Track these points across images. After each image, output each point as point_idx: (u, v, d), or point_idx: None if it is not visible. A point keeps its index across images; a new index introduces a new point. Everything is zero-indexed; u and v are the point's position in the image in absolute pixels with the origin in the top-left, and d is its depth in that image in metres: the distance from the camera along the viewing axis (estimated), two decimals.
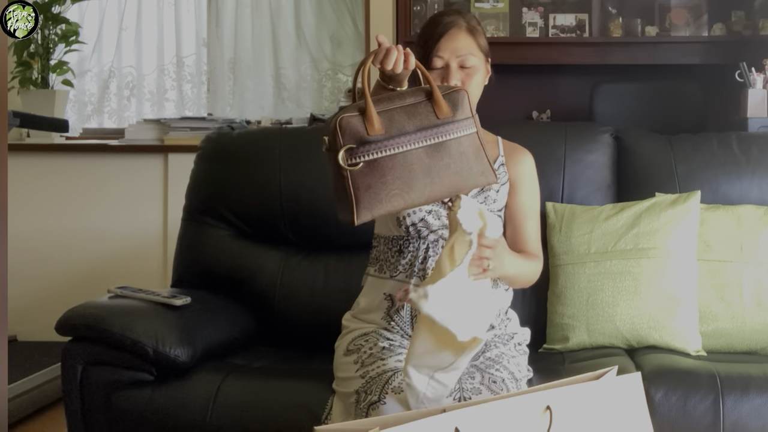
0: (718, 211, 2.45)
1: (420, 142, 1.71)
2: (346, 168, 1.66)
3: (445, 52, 2.02)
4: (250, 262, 2.54)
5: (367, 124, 1.68)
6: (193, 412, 2.07)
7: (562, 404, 1.57)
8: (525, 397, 1.58)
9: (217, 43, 4.41)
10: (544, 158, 2.54)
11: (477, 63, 2.05)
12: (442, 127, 1.73)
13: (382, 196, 1.67)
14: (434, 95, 1.75)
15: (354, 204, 1.66)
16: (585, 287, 2.36)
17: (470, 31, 2.06)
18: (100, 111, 4.49)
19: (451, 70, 2.02)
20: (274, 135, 2.69)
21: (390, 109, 1.72)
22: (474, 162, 1.76)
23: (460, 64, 2.03)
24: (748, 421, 2.02)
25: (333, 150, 1.69)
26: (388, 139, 1.69)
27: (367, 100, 1.69)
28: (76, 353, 2.17)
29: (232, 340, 2.36)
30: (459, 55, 2.03)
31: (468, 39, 2.05)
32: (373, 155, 1.68)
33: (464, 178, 1.74)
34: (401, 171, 1.69)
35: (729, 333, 2.35)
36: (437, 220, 2.01)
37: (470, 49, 2.04)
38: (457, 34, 2.04)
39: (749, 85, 3.27)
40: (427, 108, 1.74)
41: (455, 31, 2.04)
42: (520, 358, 2.01)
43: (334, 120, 1.69)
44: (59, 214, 3.90)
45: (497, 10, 4.04)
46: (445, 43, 2.03)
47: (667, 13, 4.04)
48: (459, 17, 2.08)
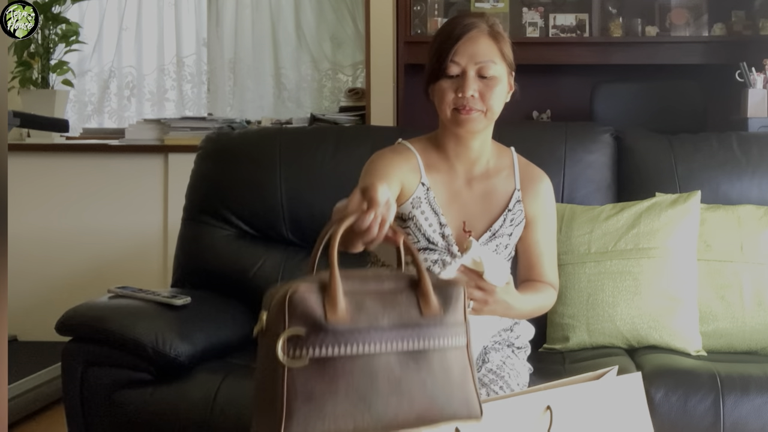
0: (718, 211, 2.45)
1: (394, 343, 1.27)
2: (284, 363, 1.21)
3: (463, 57, 1.78)
4: (250, 262, 2.54)
5: (328, 306, 1.24)
6: (193, 411, 2.07)
7: (563, 404, 1.58)
8: (525, 397, 1.58)
9: (218, 43, 4.41)
10: (544, 158, 2.53)
11: (499, 73, 1.81)
12: (426, 329, 1.29)
13: (326, 411, 1.20)
14: (421, 284, 1.32)
15: (283, 417, 1.19)
16: (585, 287, 2.36)
17: (493, 36, 1.82)
18: (100, 111, 4.49)
19: (467, 79, 1.78)
20: (275, 135, 2.69)
21: (361, 291, 1.29)
22: (458, 386, 1.32)
23: (479, 72, 1.79)
24: (748, 421, 2.02)
25: (271, 332, 1.25)
26: (353, 332, 1.24)
27: (334, 274, 1.26)
28: (77, 353, 2.17)
29: (232, 339, 2.36)
30: (478, 61, 1.78)
31: (490, 44, 1.81)
32: (327, 351, 1.22)
33: (440, 405, 1.29)
34: (361, 380, 1.23)
35: (729, 333, 2.35)
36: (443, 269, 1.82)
37: (491, 55, 1.80)
38: (477, 38, 1.80)
39: (749, 85, 3.27)
40: (410, 300, 1.30)
41: (475, 34, 1.80)
42: (519, 365, 1.97)
43: (285, 291, 1.26)
44: (59, 214, 3.89)
45: (497, 10, 4.04)
46: (463, 46, 1.78)
47: (668, 13, 4.04)
48: (481, 20, 1.83)
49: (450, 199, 1.90)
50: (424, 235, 1.88)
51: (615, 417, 1.64)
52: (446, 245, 1.88)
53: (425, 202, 1.87)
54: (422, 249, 1.88)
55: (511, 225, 1.92)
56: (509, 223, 1.92)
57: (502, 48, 1.83)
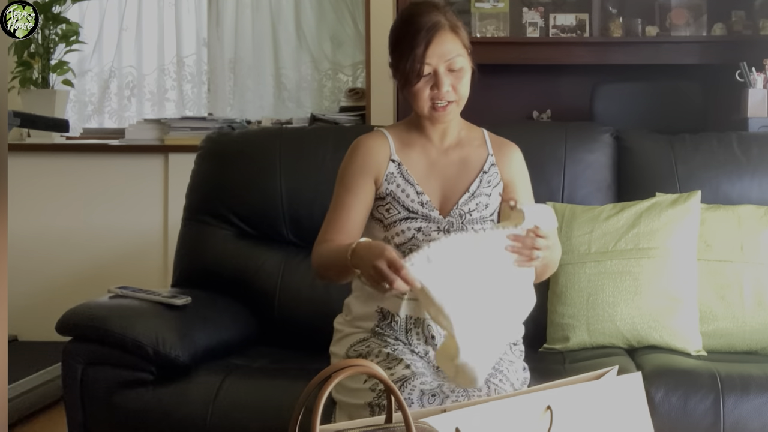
0: (718, 211, 2.45)
1: None
2: None
3: (433, 58, 1.90)
4: (250, 262, 2.54)
5: None
6: (194, 412, 2.07)
7: (563, 404, 1.58)
8: (525, 397, 1.58)
9: (218, 43, 4.41)
10: (544, 158, 2.54)
11: (464, 63, 1.94)
12: None
13: None
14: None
15: None
16: (585, 287, 2.36)
17: (453, 29, 1.94)
18: (100, 111, 4.48)
19: (440, 77, 1.91)
20: (275, 135, 2.69)
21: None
22: None
23: (448, 67, 1.92)
24: (748, 421, 2.02)
25: None
26: None
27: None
28: (77, 353, 2.17)
29: (233, 340, 2.37)
30: (447, 59, 1.91)
31: (453, 40, 1.93)
32: None
33: None
34: None
35: (729, 333, 2.35)
36: (427, 237, 1.95)
37: (457, 50, 1.93)
38: (442, 37, 1.91)
39: (749, 85, 3.27)
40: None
41: (440, 34, 1.91)
42: (518, 363, 1.98)
43: None
44: (60, 214, 3.90)
45: (497, 10, 4.03)
46: (431, 49, 1.90)
47: (668, 13, 4.03)
48: (438, 14, 1.93)
49: (427, 168, 2.03)
50: (403, 206, 1.98)
51: (615, 417, 1.64)
52: (425, 212, 1.98)
53: (399, 175, 2.00)
54: (403, 219, 1.97)
55: (489, 186, 2.02)
56: (486, 183, 2.03)
57: (462, 38, 1.96)
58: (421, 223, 1.96)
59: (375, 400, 1.79)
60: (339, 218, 1.99)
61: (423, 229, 1.96)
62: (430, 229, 1.96)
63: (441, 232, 1.96)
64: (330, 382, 1.38)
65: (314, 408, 1.37)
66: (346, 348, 1.99)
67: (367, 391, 1.82)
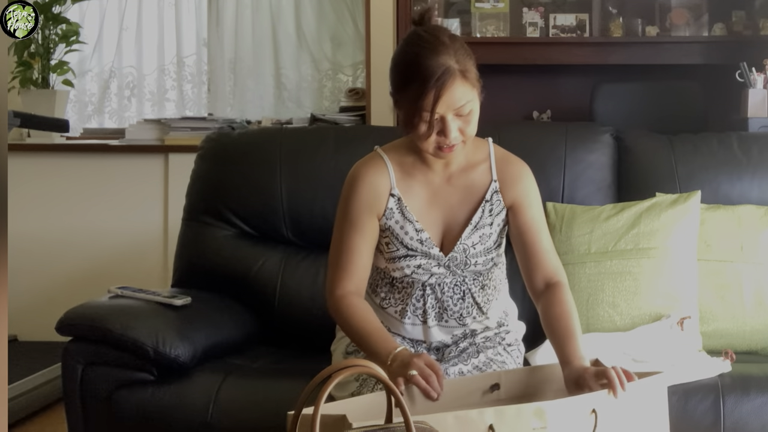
0: (718, 211, 2.45)
1: None
2: None
3: (441, 107, 1.77)
4: (250, 262, 2.54)
5: None
6: (194, 412, 2.07)
7: (606, 407, 1.58)
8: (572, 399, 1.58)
9: (218, 44, 4.41)
10: (544, 158, 2.54)
11: (474, 105, 1.82)
12: None
13: None
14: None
15: None
16: (585, 287, 2.36)
17: (463, 75, 1.78)
18: (100, 111, 4.49)
19: (447, 123, 1.78)
20: (275, 135, 2.69)
21: None
22: None
23: (457, 113, 1.79)
24: (748, 421, 2.02)
25: None
26: None
27: None
28: (77, 353, 2.17)
29: (233, 340, 2.36)
30: (456, 107, 1.78)
31: (463, 85, 1.79)
32: None
33: None
34: None
35: (729, 333, 2.35)
36: (427, 272, 1.92)
37: (467, 96, 1.79)
38: (452, 87, 1.76)
39: (749, 85, 3.27)
40: None
41: (450, 83, 1.76)
42: (510, 362, 1.97)
43: None
44: (60, 214, 3.90)
45: (497, 10, 4.04)
46: (441, 100, 1.76)
47: (668, 13, 4.04)
48: (448, 56, 1.78)
49: (429, 200, 1.95)
50: (401, 243, 1.92)
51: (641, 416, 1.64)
52: (425, 249, 1.92)
53: (398, 212, 1.92)
54: (402, 256, 1.92)
55: (491, 215, 1.94)
56: (488, 213, 1.94)
57: (471, 79, 1.81)
58: (420, 260, 1.91)
59: (357, 390, 1.81)
60: (349, 263, 1.90)
61: (423, 266, 1.92)
62: (430, 266, 1.91)
63: (441, 267, 1.92)
64: (330, 382, 1.38)
65: (314, 407, 1.37)
66: (345, 345, 2.01)
67: (352, 382, 1.84)
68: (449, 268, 1.92)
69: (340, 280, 1.90)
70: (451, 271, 1.93)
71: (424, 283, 1.94)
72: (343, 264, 1.91)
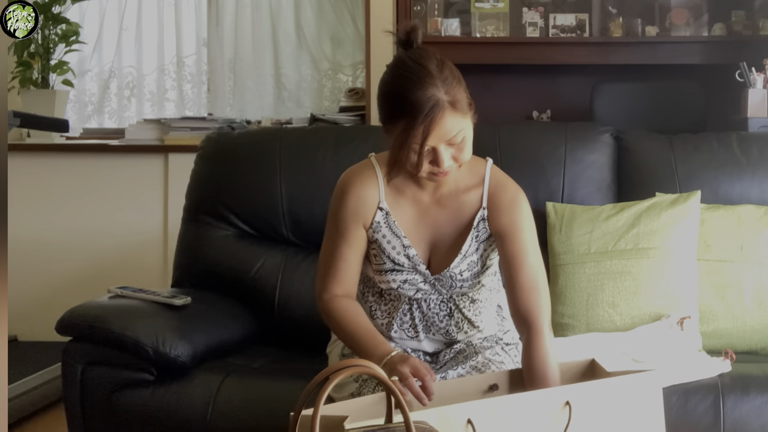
0: (718, 211, 2.45)
1: None
2: None
3: (433, 140, 1.71)
4: (250, 262, 2.54)
5: None
6: (194, 412, 2.07)
7: (582, 400, 1.58)
8: (545, 392, 1.59)
9: (218, 43, 4.41)
10: (544, 158, 2.54)
11: (467, 132, 1.76)
12: None
13: None
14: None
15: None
16: (585, 287, 2.36)
17: (452, 105, 1.71)
18: (100, 111, 4.48)
19: (439, 154, 1.73)
20: (275, 135, 2.69)
21: None
22: None
23: (449, 143, 1.74)
24: (748, 421, 2.02)
25: None
26: None
27: None
28: (77, 353, 2.17)
29: (233, 340, 2.36)
30: (447, 138, 1.73)
31: (453, 117, 1.72)
32: None
33: None
34: None
35: (729, 333, 2.35)
36: (413, 287, 1.91)
37: (458, 126, 1.73)
38: (441, 120, 1.70)
39: (749, 85, 3.27)
40: None
41: (439, 116, 1.69)
42: (509, 361, 1.96)
43: None
44: (59, 214, 3.90)
45: (497, 10, 4.04)
46: (432, 134, 1.70)
47: (668, 13, 4.03)
48: (436, 88, 1.70)
49: (417, 219, 1.91)
50: (388, 257, 1.90)
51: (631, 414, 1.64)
52: (412, 265, 1.90)
53: (385, 226, 1.89)
54: (389, 270, 1.91)
55: (476, 241, 1.90)
56: (475, 241, 1.90)
57: (463, 109, 1.75)
58: (407, 275, 1.90)
59: (356, 391, 1.81)
60: (338, 270, 1.89)
61: (409, 281, 1.90)
62: (416, 281, 1.90)
63: (427, 283, 1.91)
64: (329, 383, 1.38)
65: (314, 408, 1.37)
66: (341, 347, 2.01)
67: (351, 383, 1.83)
68: (434, 286, 1.92)
69: (328, 285, 1.89)
70: (436, 289, 1.92)
71: (411, 298, 1.93)
72: (332, 270, 1.89)
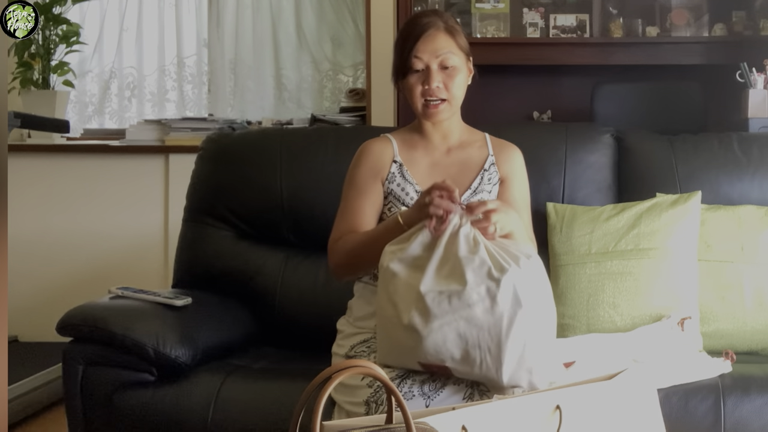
0: (718, 212, 2.45)
1: None
2: None
3: (424, 54, 2.01)
4: (251, 263, 2.54)
5: None
6: (194, 412, 2.07)
7: (573, 404, 1.57)
8: (534, 396, 1.58)
9: (218, 44, 4.41)
10: (544, 158, 2.54)
11: (458, 62, 2.03)
12: None
13: None
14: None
15: None
16: (586, 287, 2.36)
17: (448, 31, 2.04)
18: (100, 112, 4.49)
19: (431, 72, 2.01)
20: (275, 136, 2.69)
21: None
22: None
23: (441, 64, 2.01)
24: (749, 421, 2.02)
25: None
26: None
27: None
28: (77, 354, 2.16)
29: (233, 340, 2.36)
30: (438, 55, 2.01)
31: (447, 39, 2.03)
32: None
33: None
34: None
35: (730, 333, 2.35)
36: None
37: (450, 48, 2.02)
38: (435, 35, 2.01)
39: (750, 85, 3.27)
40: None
41: (433, 32, 2.02)
42: None
43: None
44: (60, 214, 3.90)
45: (498, 11, 4.04)
46: (423, 44, 2.00)
47: (668, 14, 4.04)
48: (437, 18, 2.05)
49: (429, 168, 2.10)
50: (403, 204, 2.05)
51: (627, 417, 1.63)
52: None
53: (399, 176, 2.08)
54: None
55: (489, 183, 2.11)
56: (487, 181, 2.11)
57: (458, 40, 2.04)
58: None
59: (372, 397, 1.79)
60: (352, 220, 2.04)
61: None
62: None
63: None
64: (330, 383, 1.38)
65: (314, 408, 1.37)
66: (346, 349, 2.00)
67: (365, 387, 1.82)
68: None
69: (341, 232, 2.03)
70: None
71: None
72: (346, 222, 2.05)
